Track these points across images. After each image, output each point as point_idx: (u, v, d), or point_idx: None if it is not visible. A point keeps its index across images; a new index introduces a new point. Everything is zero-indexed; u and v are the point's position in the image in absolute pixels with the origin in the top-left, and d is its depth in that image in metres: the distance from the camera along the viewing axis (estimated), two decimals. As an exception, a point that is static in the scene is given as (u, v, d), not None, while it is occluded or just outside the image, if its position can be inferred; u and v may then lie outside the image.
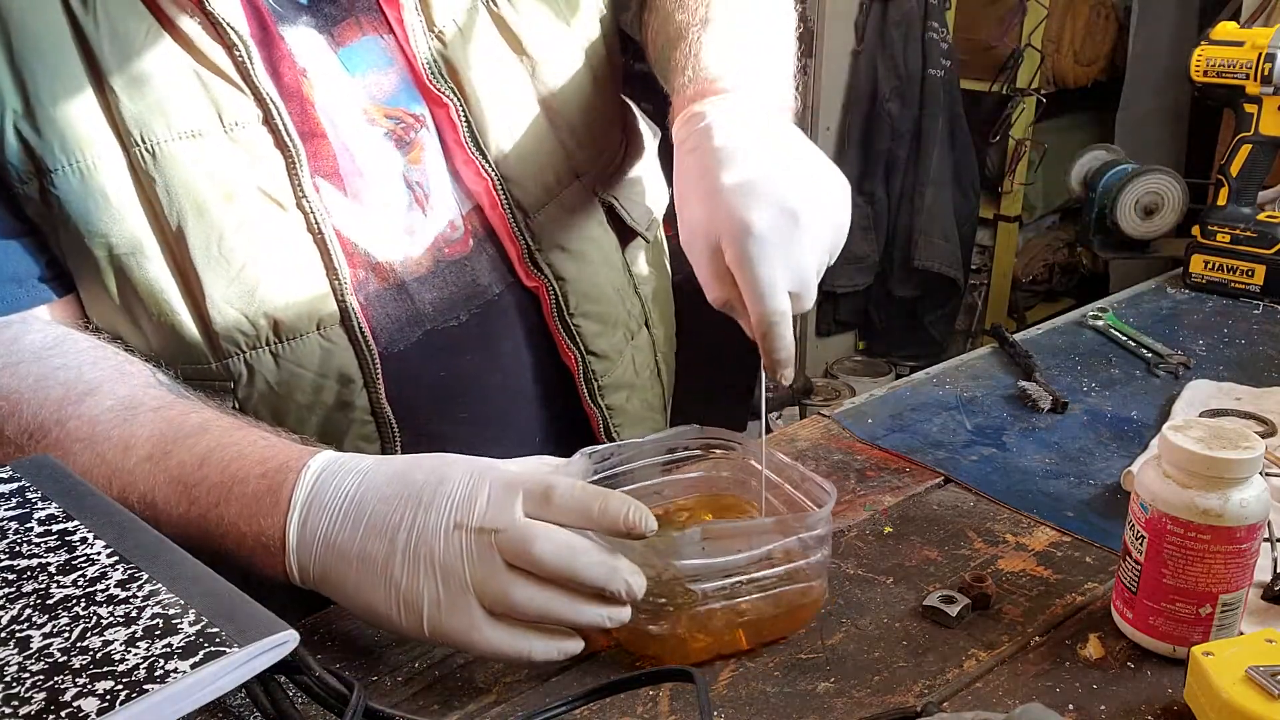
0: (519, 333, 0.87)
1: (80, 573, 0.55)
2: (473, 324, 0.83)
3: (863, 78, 2.76)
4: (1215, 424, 0.62)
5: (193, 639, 0.50)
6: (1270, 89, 1.16)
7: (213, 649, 0.49)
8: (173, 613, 0.52)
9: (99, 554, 0.56)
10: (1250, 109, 1.19)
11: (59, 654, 0.49)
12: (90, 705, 0.46)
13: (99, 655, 0.49)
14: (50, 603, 0.53)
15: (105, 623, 0.51)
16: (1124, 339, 1.10)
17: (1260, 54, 1.15)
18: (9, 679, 0.48)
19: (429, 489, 0.59)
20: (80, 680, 0.47)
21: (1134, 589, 0.63)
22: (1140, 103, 2.75)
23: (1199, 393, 0.96)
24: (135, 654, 0.49)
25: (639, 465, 0.74)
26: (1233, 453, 0.59)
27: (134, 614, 0.52)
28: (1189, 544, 0.60)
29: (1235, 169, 1.21)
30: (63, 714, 0.46)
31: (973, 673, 0.62)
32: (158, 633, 0.50)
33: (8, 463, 0.66)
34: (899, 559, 0.74)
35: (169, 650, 0.49)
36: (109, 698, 0.46)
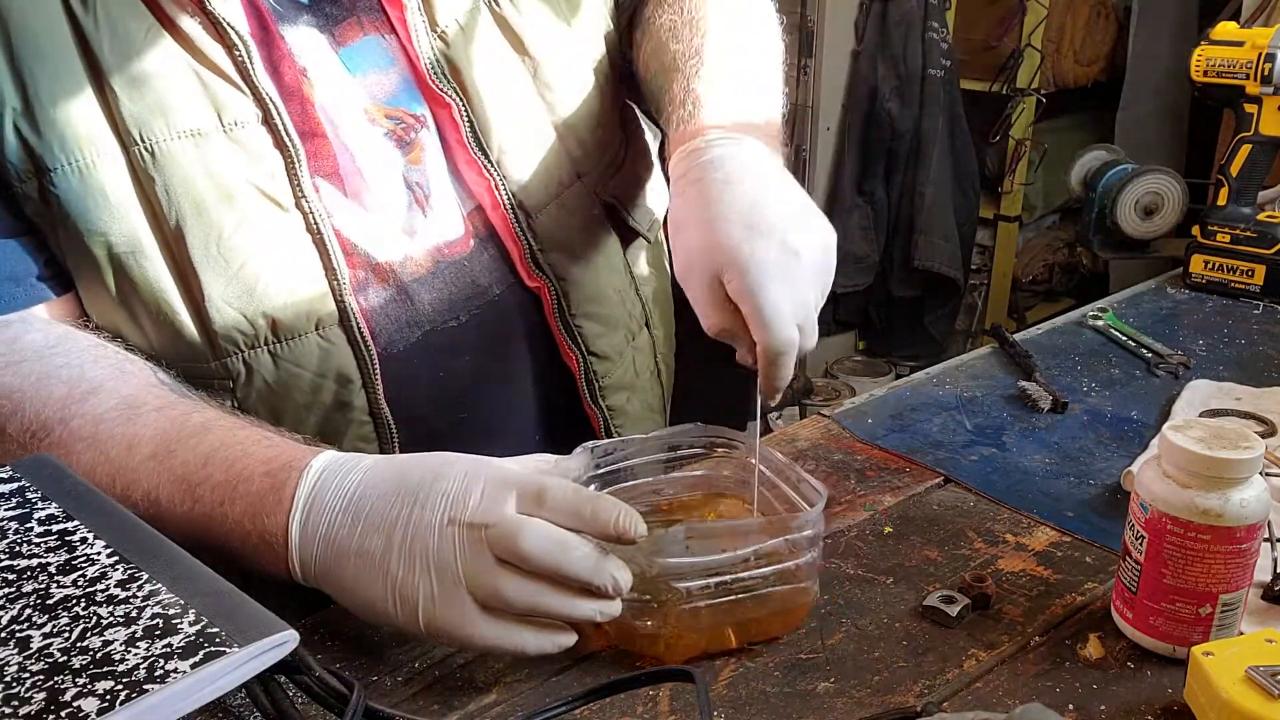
0: (519, 334, 0.87)
1: (80, 573, 0.55)
2: (472, 325, 0.83)
3: (863, 78, 2.76)
4: (1215, 424, 0.62)
5: (193, 639, 0.50)
6: (1270, 89, 1.16)
7: (213, 649, 0.49)
8: (173, 613, 0.52)
9: (99, 554, 0.56)
10: (1250, 109, 1.19)
11: (59, 654, 0.49)
12: (90, 705, 0.46)
13: (99, 655, 0.49)
14: (50, 603, 0.53)
15: (105, 623, 0.51)
16: (1124, 339, 1.10)
17: (1260, 54, 1.15)
18: (9, 679, 0.48)
19: (425, 486, 0.59)
20: (80, 680, 0.47)
21: (1134, 589, 0.63)
22: (1140, 103, 2.75)
23: (1199, 393, 0.96)
24: (135, 654, 0.49)
25: (640, 462, 0.74)
26: (1233, 453, 0.59)
27: (134, 614, 0.52)
28: (1189, 544, 0.60)
29: (1235, 169, 1.21)
30: (63, 714, 0.46)
31: (973, 673, 0.62)
32: (158, 633, 0.50)
33: (9, 461, 0.66)
34: (899, 559, 0.74)
35: (169, 650, 0.49)
36: (109, 698, 0.46)
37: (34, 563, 0.56)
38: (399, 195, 0.80)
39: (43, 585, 0.54)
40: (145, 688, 0.47)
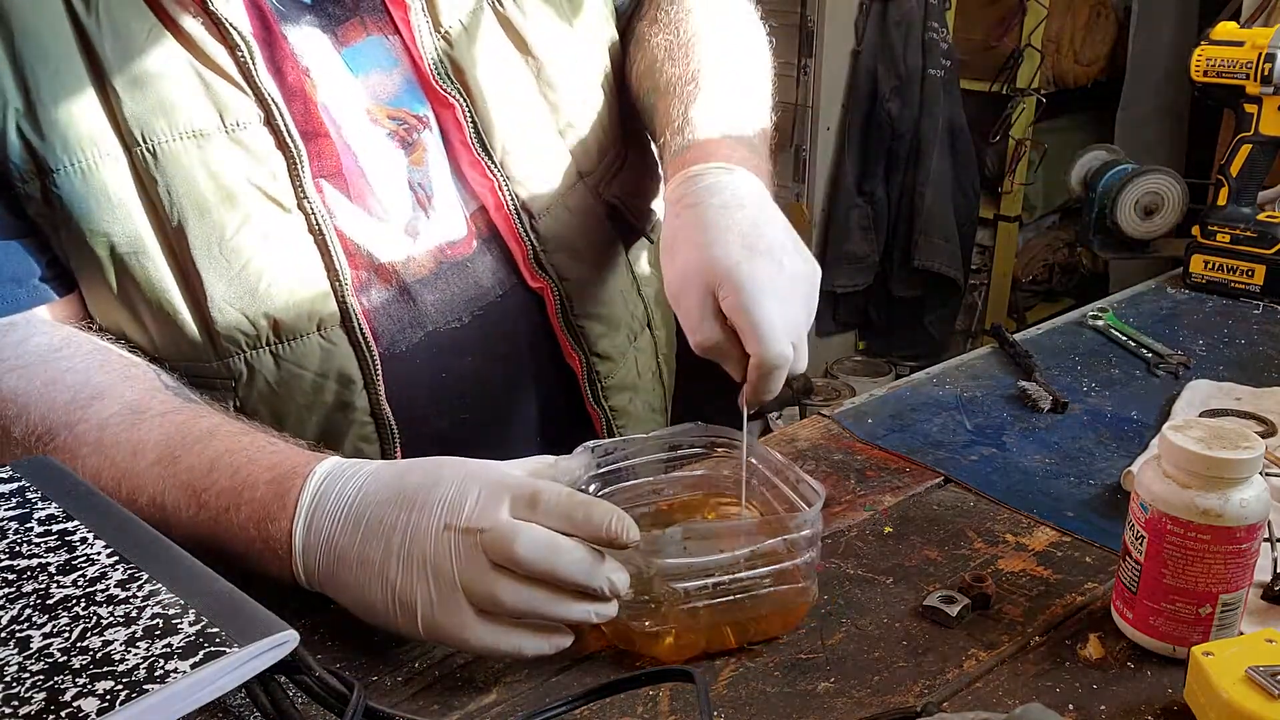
0: (521, 335, 0.87)
1: (80, 573, 0.55)
2: (474, 326, 0.83)
3: (863, 78, 2.76)
4: (1215, 424, 0.62)
5: (193, 639, 0.50)
6: (1270, 89, 1.16)
7: (213, 649, 0.49)
8: (173, 613, 0.52)
9: (99, 554, 0.56)
10: (1250, 109, 1.19)
11: (59, 654, 0.49)
12: (90, 705, 0.46)
13: (99, 655, 0.49)
14: (50, 603, 0.53)
15: (105, 623, 0.51)
16: (1124, 339, 1.10)
17: (1260, 54, 1.15)
18: (9, 679, 0.48)
19: (423, 491, 0.60)
20: (80, 680, 0.48)
21: (1134, 589, 0.63)
22: (1140, 103, 2.75)
23: (1199, 393, 0.96)
24: (135, 654, 0.49)
25: (641, 461, 0.74)
26: (1233, 453, 0.59)
27: (134, 614, 0.52)
28: (1189, 544, 0.60)
29: (1235, 169, 1.21)
30: (63, 714, 0.46)
31: (973, 673, 0.62)
32: (158, 633, 0.50)
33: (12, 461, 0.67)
34: (899, 559, 0.74)
35: (169, 650, 0.49)
36: (109, 698, 0.46)
37: (34, 563, 0.56)
38: (402, 196, 0.80)
39: (43, 585, 0.54)
40: (145, 688, 0.47)
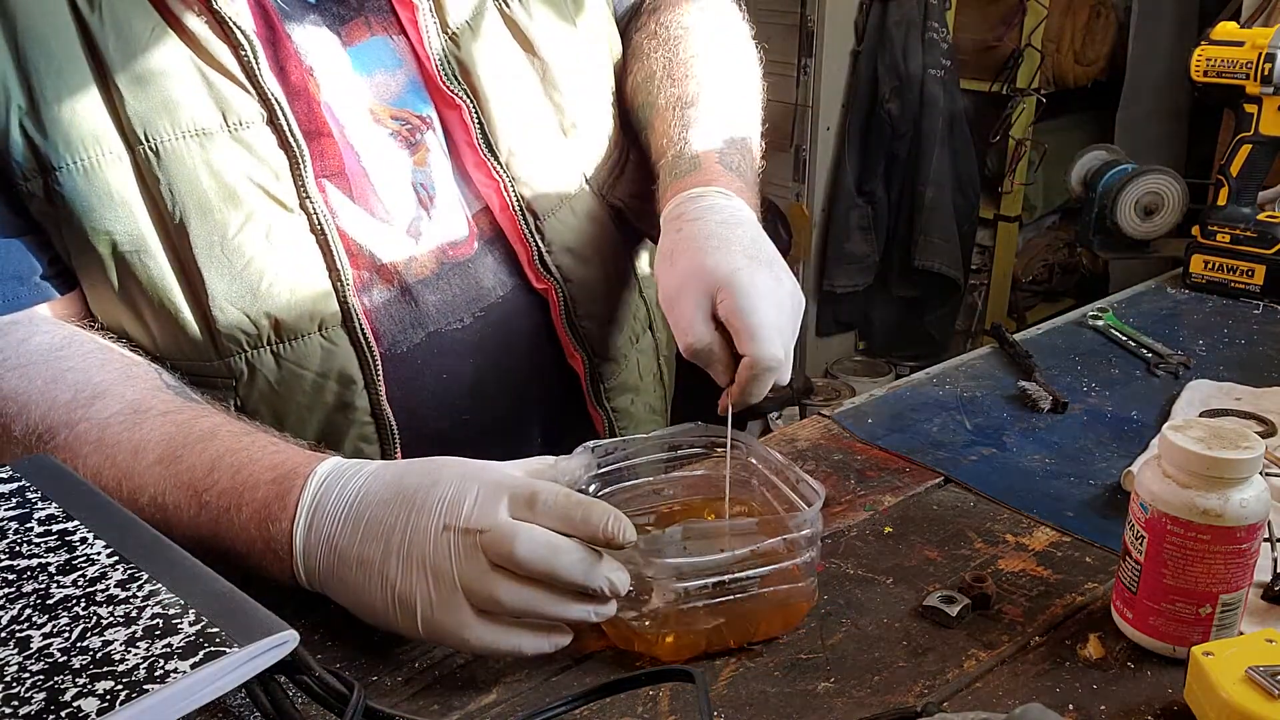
0: (523, 336, 0.87)
1: (80, 573, 0.55)
2: (476, 327, 0.83)
3: (863, 78, 2.76)
4: (1215, 424, 0.62)
5: (193, 639, 0.50)
6: (1270, 89, 1.16)
7: (213, 649, 0.49)
8: (173, 613, 0.52)
9: (99, 554, 0.56)
10: (1250, 109, 1.19)
11: (59, 654, 0.49)
12: (90, 705, 0.46)
13: (99, 655, 0.49)
14: (50, 603, 0.53)
15: (105, 623, 0.51)
16: (1124, 339, 1.10)
17: (1260, 54, 1.15)
18: (9, 679, 0.48)
19: (422, 491, 0.60)
20: (80, 680, 0.48)
21: (1134, 589, 0.63)
22: (1140, 103, 2.75)
23: (1199, 393, 0.96)
24: (135, 654, 0.49)
25: (641, 462, 0.74)
26: (1233, 453, 0.59)
27: (134, 614, 0.52)
28: (1189, 544, 0.60)
29: (1235, 169, 1.21)
30: (63, 714, 0.46)
31: (973, 673, 0.62)
32: (158, 633, 0.50)
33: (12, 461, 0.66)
34: (899, 559, 0.74)
35: (169, 650, 0.49)
36: (109, 698, 0.46)
37: (34, 563, 0.56)
38: (405, 196, 0.80)
39: (43, 585, 0.54)
40: (145, 688, 0.47)
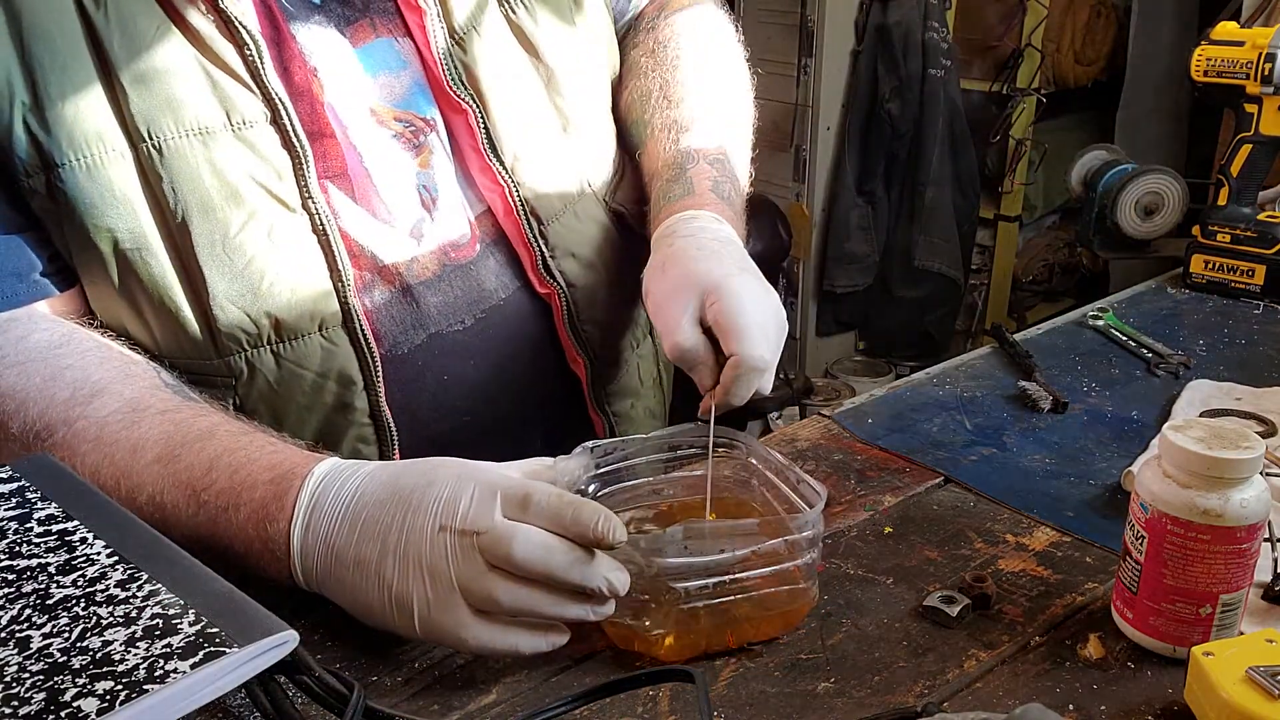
0: (525, 339, 0.87)
1: (80, 573, 0.55)
2: (477, 329, 0.83)
3: (863, 78, 2.76)
4: (1215, 424, 0.62)
5: (193, 639, 0.50)
6: (1270, 89, 1.16)
7: (213, 649, 0.49)
8: (173, 613, 0.52)
9: (99, 554, 0.56)
10: (1250, 109, 1.19)
11: (59, 654, 0.49)
12: (90, 705, 0.46)
13: (99, 655, 0.49)
14: (50, 603, 0.53)
15: (105, 623, 0.51)
16: (1124, 339, 1.10)
17: (1260, 54, 1.15)
18: (9, 679, 0.48)
19: (418, 492, 0.60)
20: (80, 680, 0.47)
21: (1134, 589, 0.63)
22: (1140, 103, 2.75)
23: (1199, 393, 0.96)
24: (135, 654, 0.49)
25: (641, 462, 0.74)
26: (1233, 453, 0.59)
27: (134, 614, 0.52)
28: (1189, 544, 0.60)
29: (1235, 169, 1.21)
30: (63, 714, 0.46)
31: (973, 673, 0.62)
32: (158, 633, 0.50)
33: (10, 461, 0.66)
34: (899, 559, 0.74)
35: (169, 650, 0.49)
36: (109, 698, 0.46)
37: (34, 563, 0.56)
38: (407, 198, 0.80)
39: (42, 585, 0.54)
40: (145, 688, 0.47)
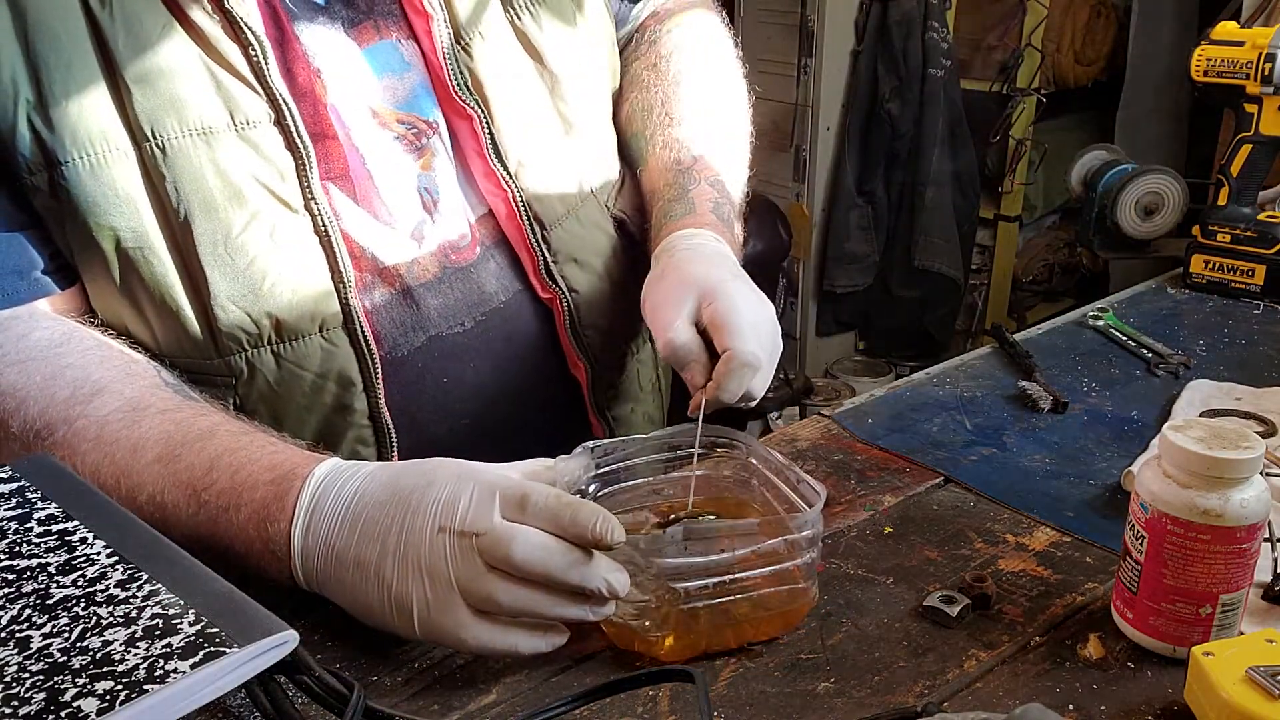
0: (525, 342, 0.87)
1: (80, 573, 0.55)
2: (477, 331, 0.83)
3: (863, 78, 2.76)
4: (1215, 424, 0.62)
5: (193, 639, 0.50)
6: (1270, 89, 1.16)
7: (213, 649, 0.49)
8: (173, 613, 0.52)
9: (99, 554, 0.56)
10: (1250, 109, 1.19)
11: (59, 654, 0.49)
12: (90, 705, 0.46)
13: (99, 655, 0.49)
14: (50, 603, 0.53)
15: (105, 623, 0.51)
16: (1124, 339, 1.10)
17: (1260, 54, 1.15)
18: (9, 679, 0.48)
19: (417, 493, 0.60)
20: (80, 680, 0.47)
21: (1134, 589, 0.63)
22: (1140, 103, 2.75)
23: (1199, 393, 0.96)
24: (135, 654, 0.49)
25: (640, 462, 0.74)
26: (1233, 453, 0.59)
27: (134, 614, 0.52)
28: (1189, 544, 0.60)
29: (1235, 169, 1.21)
30: (63, 714, 0.46)
31: (973, 673, 0.62)
32: (158, 633, 0.50)
33: (10, 459, 0.66)
34: (899, 559, 0.74)
35: (169, 650, 0.49)
36: (109, 698, 0.46)
37: (34, 563, 0.56)
38: (409, 200, 0.80)
39: (42, 585, 0.54)
40: (145, 688, 0.47)
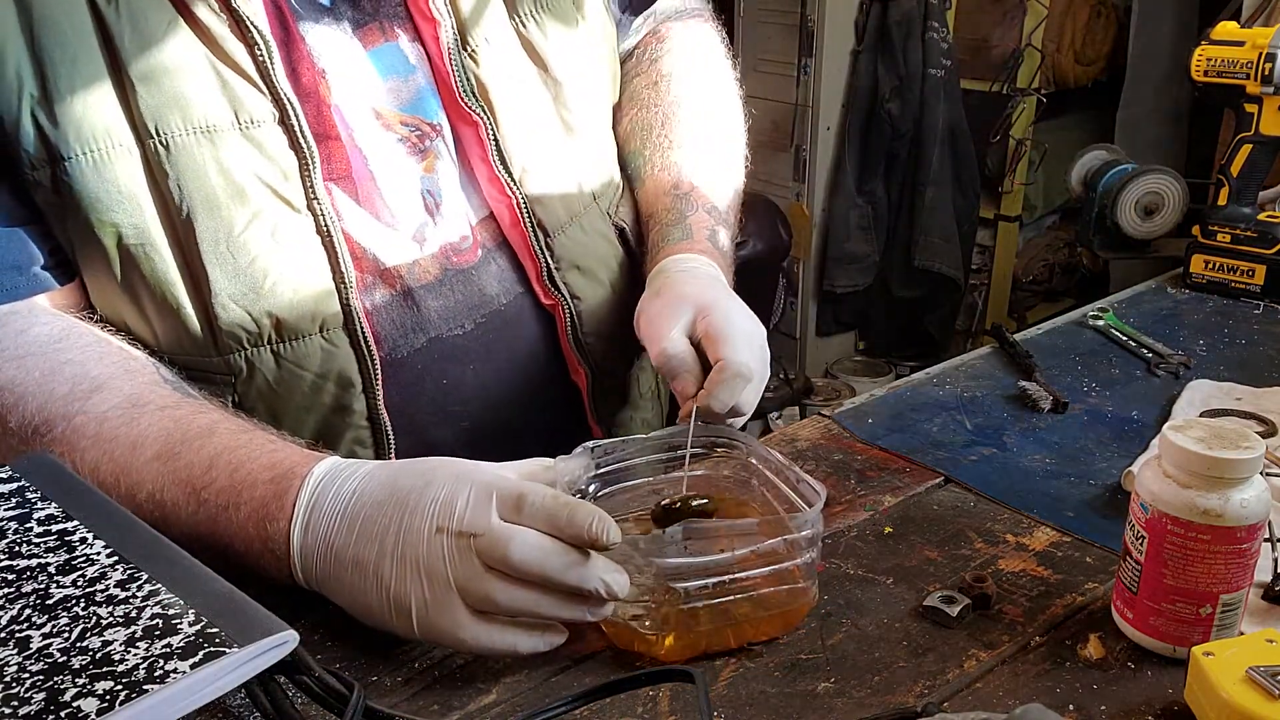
0: (525, 346, 0.87)
1: (80, 573, 0.55)
2: (477, 333, 0.84)
3: (863, 78, 2.76)
4: (1215, 424, 0.62)
5: (193, 639, 0.50)
6: (1270, 89, 1.16)
7: (213, 649, 0.49)
8: (173, 613, 0.52)
9: (99, 554, 0.56)
10: (1250, 109, 1.19)
11: (59, 654, 0.49)
12: (90, 705, 0.46)
13: (99, 655, 0.49)
14: (50, 603, 0.53)
15: (105, 623, 0.51)
16: (1124, 339, 1.10)
17: (1260, 54, 1.15)
18: (9, 679, 0.48)
19: (414, 494, 0.60)
20: (80, 680, 0.47)
21: (1134, 589, 0.63)
22: (1140, 103, 2.75)
23: (1199, 393, 0.96)
24: (135, 654, 0.49)
25: (640, 462, 0.74)
26: (1233, 453, 0.59)
27: (134, 614, 0.52)
28: (1189, 544, 0.60)
29: (1235, 169, 1.21)
30: (62, 714, 0.46)
31: (973, 673, 0.62)
32: (157, 633, 0.50)
33: (9, 455, 0.66)
34: (899, 559, 0.74)
35: (169, 650, 0.49)
36: (109, 698, 0.46)
37: (34, 563, 0.56)
38: (412, 202, 0.80)
39: (42, 585, 0.54)
40: (145, 688, 0.47)
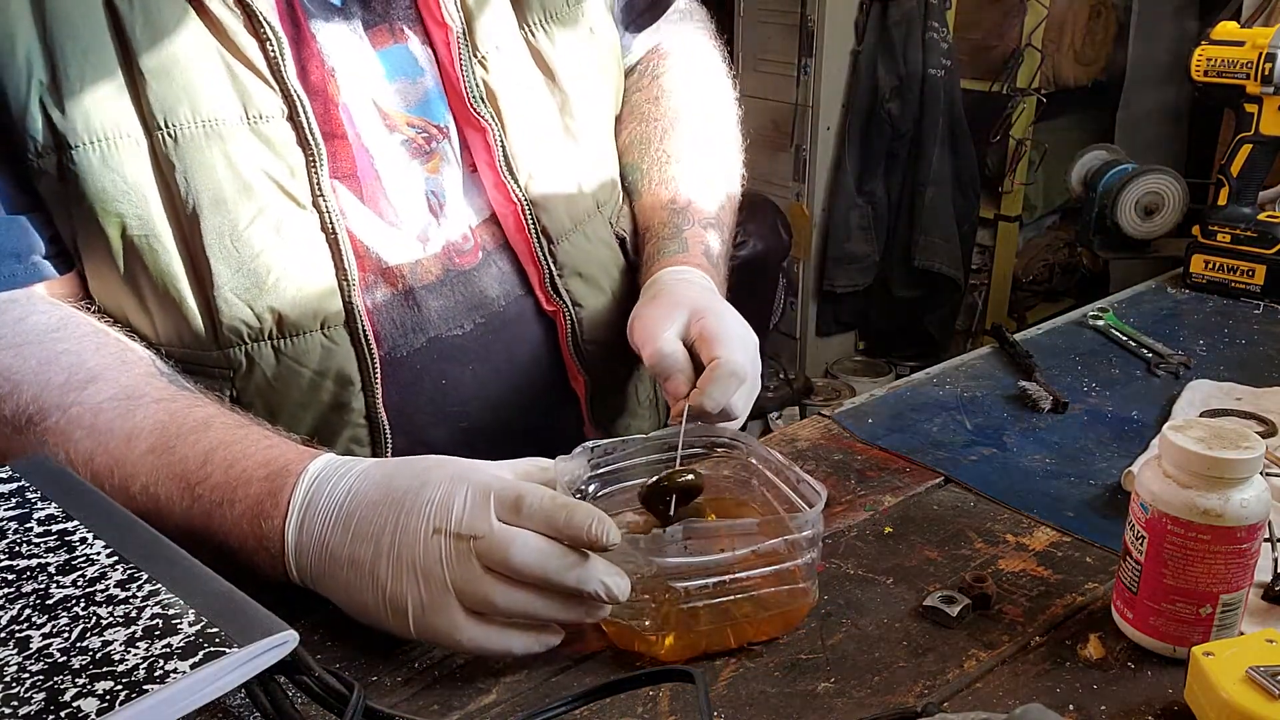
0: (525, 350, 0.87)
1: (80, 573, 0.55)
2: (476, 334, 0.84)
3: (863, 78, 2.76)
4: (1215, 424, 0.62)
5: (193, 639, 0.50)
6: (1270, 89, 1.16)
7: (213, 649, 0.49)
8: (173, 613, 0.52)
9: (99, 554, 0.56)
10: (1250, 109, 1.19)
11: (59, 654, 0.49)
12: (90, 705, 0.46)
13: (99, 655, 0.49)
14: (50, 603, 0.53)
15: (105, 623, 0.51)
16: (1124, 339, 1.10)
17: (1260, 54, 1.15)
18: (9, 679, 0.48)
19: (411, 494, 0.60)
20: (80, 680, 0.47)
21: (1134, 589, 0.63)
22: (1140, 103, 2.75)
23: (1199, 393, 0.96)
24: (135, 654, 0.49)
25: (640, 462, 0.74)
26: (1233, 453, 0.59)
27: (134, 614, 0.52)
28: (1189, 544, 0.60)
29: (1236, 169, 1.21)
30: (62, 714, 0.46)
31: (973, 673, 0.62)
32: (157, 633, 0.50)
33: (3, 443, 0.66)
34: (899, 559, 0.74)
35: (169, 650, 0.49)
36: (109, 698, 0.46)
37: (34, 563, 0.56)
38: (416, 203, 0.81)
39: (42, 585, 0.54)
40: (145, 688, 0.47)
